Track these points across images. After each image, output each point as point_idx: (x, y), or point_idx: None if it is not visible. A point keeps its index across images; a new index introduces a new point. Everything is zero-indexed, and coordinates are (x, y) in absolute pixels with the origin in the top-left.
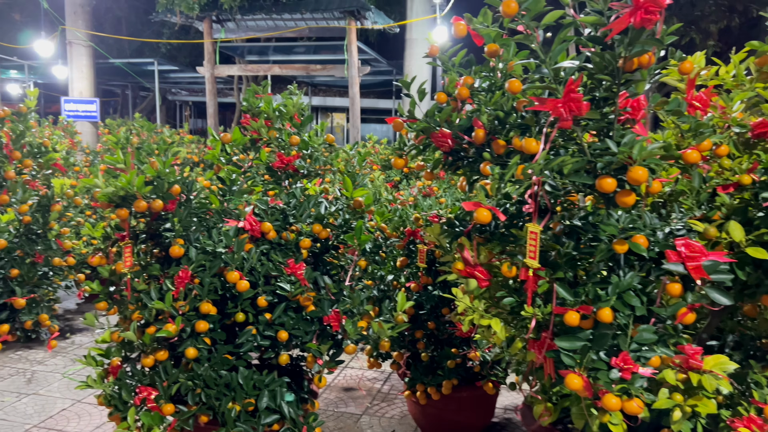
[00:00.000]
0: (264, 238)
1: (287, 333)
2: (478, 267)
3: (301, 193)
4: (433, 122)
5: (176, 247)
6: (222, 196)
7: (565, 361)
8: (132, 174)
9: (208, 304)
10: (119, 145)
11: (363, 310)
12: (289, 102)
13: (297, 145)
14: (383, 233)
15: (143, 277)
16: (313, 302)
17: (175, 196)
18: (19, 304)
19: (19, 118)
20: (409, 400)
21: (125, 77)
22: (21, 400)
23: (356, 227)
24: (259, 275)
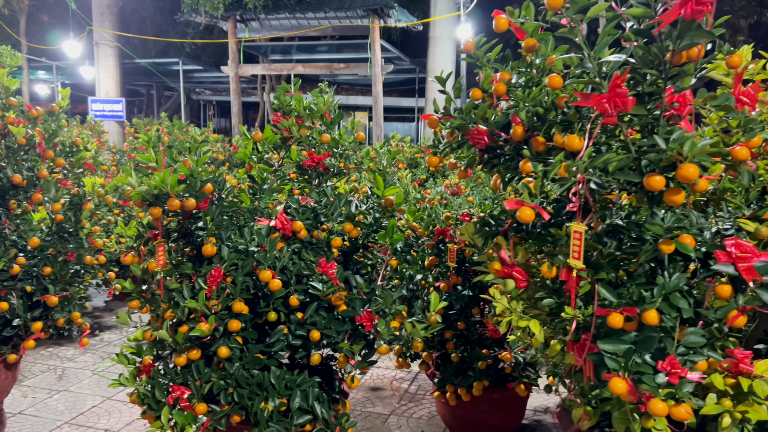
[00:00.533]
0: (295, 237)
1: (319, 333)
2: (515, 267)
3: (331, 191)
4: (469, 119)
5: (209, 245)
6: (253, 195)
7: (609, 365)
8: (166, 173)
9: (240, 303)
10: (150, 144)
11: (395, 309)
12: (319, 100)
13: (327, 143)
14: (414, 232)
15: (175, 276)
16: (345, 302)
17: (208, 194)
18: (51, 302)
19: (52, 117)
20: (438, 401)
21: (150, 77)
22: (52, 397)
23: (388, 226)
24: (291, 274)
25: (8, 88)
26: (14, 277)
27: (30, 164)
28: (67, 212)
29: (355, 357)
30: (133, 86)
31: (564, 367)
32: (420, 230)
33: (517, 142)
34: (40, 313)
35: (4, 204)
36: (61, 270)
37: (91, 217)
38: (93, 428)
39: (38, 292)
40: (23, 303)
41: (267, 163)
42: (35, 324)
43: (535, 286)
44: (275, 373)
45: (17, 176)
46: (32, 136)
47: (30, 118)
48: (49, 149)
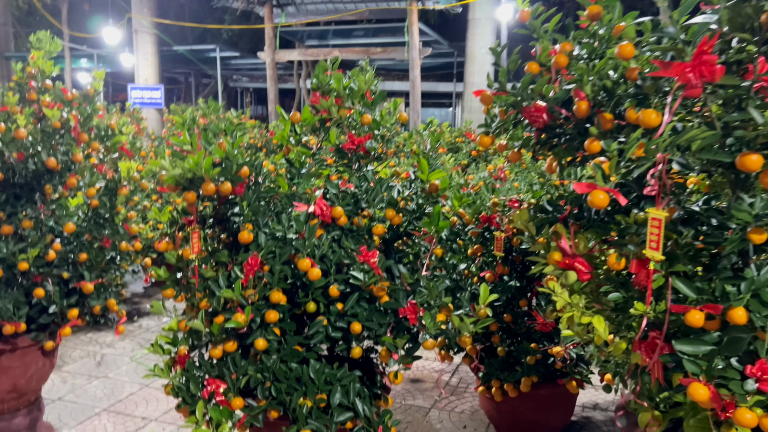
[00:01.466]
0: (335, 224)
1: (360, 325)
2: (577, 258)
3: (372, 176)
4: (526, 95)
5: (245, 232)
6: (290, 180)
7: (688, 368)
8: (200, 155)
9: (278, 293)
10: (185, 127)
11: (441, 302)
12: (360, 79)
13: (369, 124)
14: (461, 219)
15: (211, 264)
16: (388, 292)
17: (244, 178)
18: (87, 289)
19: (87, 100)
20: (483, 395)
21: (188, 65)
22: (91, 383)
23: (433, 213)
24: (331, 263)
25: (44, 72)
26: (50, 264)
27: (65, 148)
28: (102, 198)
29: (398, 351)
30: (171, 74)
31: (626, 365)
32: (467, 217)
33: (579, 120)
34: (76, 300)
35: (40, 189)
36: (96, 256)
37: (127, 203)
38: (131, 416)
39: (74, 278)
40: (59, 290)
41: (305, 147)
42: (71, 311)
43: (597, 279)
44: (314, 367)
45: (52, 160)
46: (67, 119)
47: (65, 102)
48: (84, 133)
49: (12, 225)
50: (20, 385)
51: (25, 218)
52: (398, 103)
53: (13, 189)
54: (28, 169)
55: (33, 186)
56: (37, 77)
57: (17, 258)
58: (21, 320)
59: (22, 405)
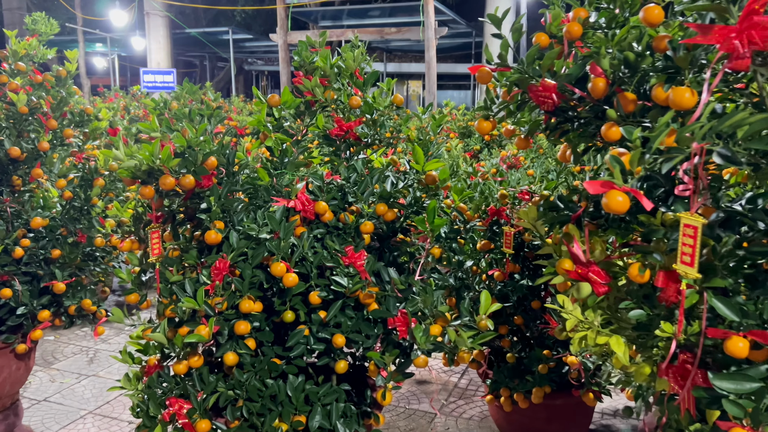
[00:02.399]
0: (318, 221)
1: (344, 337)
2: (592, 266)
3: (363, 165)
4: (532, 71)
5: (212, 231)
6: (273, 170)
7: (729, 410)
8: (155, 144)
9: (249, 302)
10: (156, 111)
11: (437, 311)
12: (348, 56)
13: (358, 107)
14: (462, 215)
15: (179, 266)
16: (376, 299)
17: (211, 170)
18: (58, 289)
19: (59, 83)
20: (491, 404)
21: (202, 48)
22: (80, 382)
23: (428, 209)
24: (311, 266)
25: (17, 52)
26: (18, 261)
27: (33, 136)
28: (76, 189)
29: (387, 368)
30: (186, 57)
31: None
32: (468, 213)
33: (596, 101)
34: (49, 300)
35: (7, 180)
36: (70, 253)
37: (106, 194)
38: (116, 420)
39: (46, 276)
40: (29, 289)
41: (286, 132)
42: (42, 312)
43: (616, 291)
44: (292, 384)
45: (14, 149)
46: (38, 104)
47: (35, 85)
48: (54, 119)
49: None
50: None
51: None
52: (391, 83)
53: None
54: None
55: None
56: (8, 58)
57: None
58: None
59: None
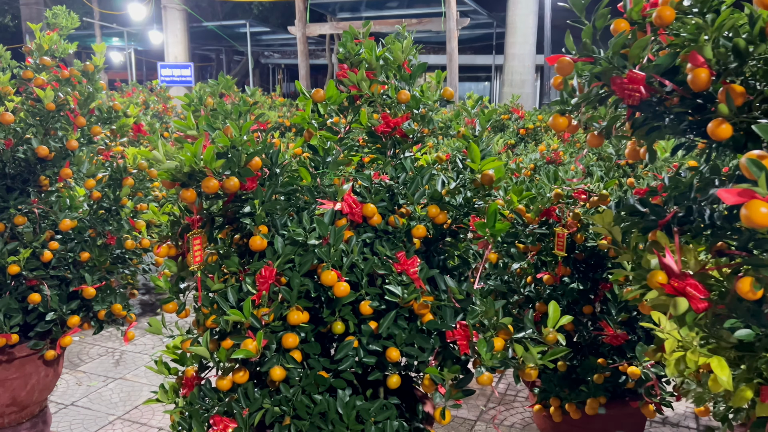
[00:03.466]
0: (366, 224)
1: (398, 351)
2: (688, 279)
3: (411, 164)
4: (618, 62)
5: (258, 237)
6: (315, 169)
7: None
8: (198, 144)
9: (298, 312)
10: (191, 108)
11: (499, 323)
12: (396, 47)
13: (407, 102)
14: (521, 218)
15: (219, 273)
16: (432, 310)
17: (255, 171)
18: (88, 294)
19: (86, 78)
20: (539, 414)
21: (219, 41)
22: (107, 386)
23: (488, 212)
24: (362, 274)
25: (41, 46)
26: (47, 265)
27: (62, 134)
28: (105, 189)
29: (445, 384)
30: (202, 51)
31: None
32: (528, 215)
33: (691, 95)
34: (78, 304)
35: (35, 180)
36: (100, 255)
37: (135, 194)
38: (146, 426)
39: (75, 280)
40: (58, 294)
41: (331, 130)
42: (72, 318)
43: (715, 307)
44: (342, 400)
45: (43, 148)
46: (65, 101)
47: (62, 81)
48: (82, 116)
49: (3, 222)
50: (21, 398)
51: (17, 214)
52: (441, 75)
53: (3, 180)
54: (18, 158)
55: (26, 177)
56: (33, 53)
57: (6, 260)
58: (13, 330)
59: (24, 418)
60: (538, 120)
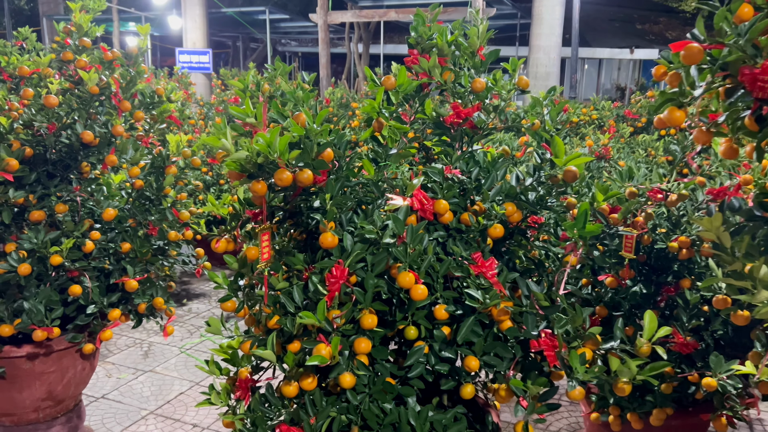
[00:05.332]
0: (437, 222)
1: (477, 360)
2: None
3: (484, 158)
4: (751, 50)
5: (328, 234)
6: (375, 162)
7: None
8: (274, 133)
9: (372, 316)
10: (247, 93)
11: (588, 333)
12: (472, 31)
13: (481, 91)
14: (604, 218)
15: (281, 269)
16: (512, 316)
17: (327, 164)
18: (131, 287)
19: (130, 60)
20: (594, 422)
21: (236, 28)
22: (138, 378)
23: (579, 212)
24: (437, 276)
25: (81, 27)
26: (88, 256)
27: (104, 119)
28: (147, 177)
29: (528, 397)
30: (219, 38)
31: None
32: (615, 217)
33: None
34: (118, 297)
35: (77, 167)
36: (141, 246)
37: (176, 183)
38: (179, 422)
39: (116, 272)
40: (99, 286)
41: (399, 120)
42: (113, 311)
43: None
44: (414, 410)
45: (88, 133)
46: (107, 84)
47: (105, 63)
48: (126, 100)
49: (44, 210)
50: (57, 392)
51: (58, 201)
52: (518, 63)
53: (45, 166)
54: (62, 143)
55: (68, 163)
56: (72, 34)
57: (49, 250)
58: (54, 324)
59: (59, 412)
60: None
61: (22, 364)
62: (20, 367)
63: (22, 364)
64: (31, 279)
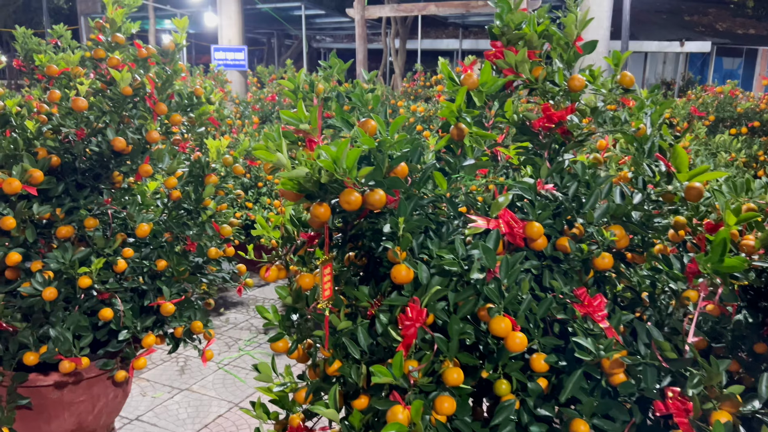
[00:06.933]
0: (528, 249)
1: (587, 423)
2: None
3: (583, 170)
4: None
5: (402, 267)
6: (446, 175)
7: None
8: (343, 146)
9: (457, 370)
10: (299, 94)
11: (724, 393)
12: (569, 19)
13: (579, 90)
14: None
15: (341, 303)
16: (627, 369)
17: (403, 181)
18: (167, 311)
19: (166, 58)
20: None
21: (270, 25)
22: (173, 398)
23: (714, 243)
24: (534, 318)
25: (114, 22)
26: (120, 276)
27: (139, 123)
28: (185, 187)
29: None
30: (253, 34)
31: None
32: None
33: None
34: (153, 321)
35: (108, 176)
36: (178, 264)
37: (216, 192)
38: None
39: (150, 292)
40: (132, 307)
41: (481, 125)
42: (147, 337)
43: None
44: None
45: (120, 140)
46: (141, 84)
47: (139, 61)
48: (162, 102)
49: (72, 225)
50: (87, 423)
51: (88, 215)
52: (621, 57)
53: (73, 176)
54: (91, 150)
55: (98, 172)
56: (105, 30)
57: (77, 271)
58: (83, 353)
59: None
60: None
61: (49, 393)
62: (48, 397)
63: (50, 393)
64: (58, 302)
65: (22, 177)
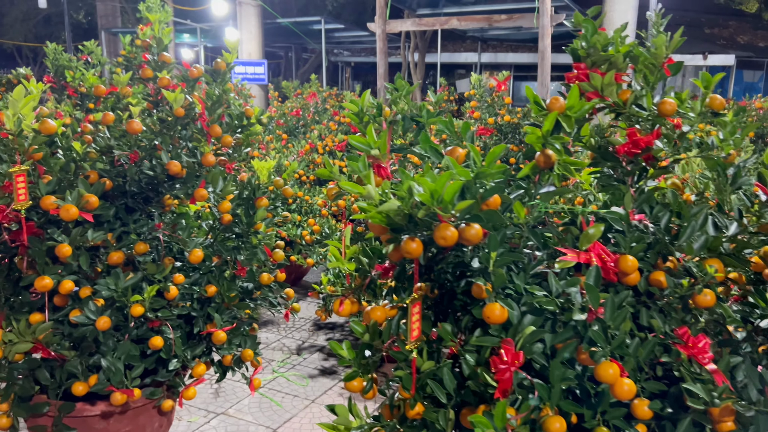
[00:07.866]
0: (620, 285)
1: None
2: None
3: (676, 199)
4: None
5: (496, 306)
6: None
7: None
8: (443, 180)
9: (559, 419)
10: (365, 117)
11: None
12: (660, 39)
13: (671, 115)
14: None
15: (422, 342)
16: (737, 417)
17: (500, 215)
18: (219, 339)
19: (216, 78)
20: None
21: (288, 38)
22: (209, 422)
23: None
24: (637, 362)
25: (161, 40)
26: (170, 302)
27: (191, 145)
28: (236, 210)
29: None
30: (270, 48)
31: None
32: None
33: None
34: (203, 349)
35: (158, 200)
36: (228, 290)
37: (264, 216)
38: None
39: (200, 319)
40: (181, 335)
41: (567, 151)
42: (197, 367)
43: None
44: None
45: (175, 163)
46: (192, 104)
47: (188, 80)
48: (216, 124)
49: (123, 250)
50: None
51: (138, 240)
52: (711, 80)
53: (122, 200)
54: (144, 174)
55: (148, 195)
56: (152, 49)
57: (129, 299)
58: (134, 383)
59: None
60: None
61: (95, 423)
62: (93, 427)
63: (96, 423)
64: (109, 331)
65: (78, 203)
